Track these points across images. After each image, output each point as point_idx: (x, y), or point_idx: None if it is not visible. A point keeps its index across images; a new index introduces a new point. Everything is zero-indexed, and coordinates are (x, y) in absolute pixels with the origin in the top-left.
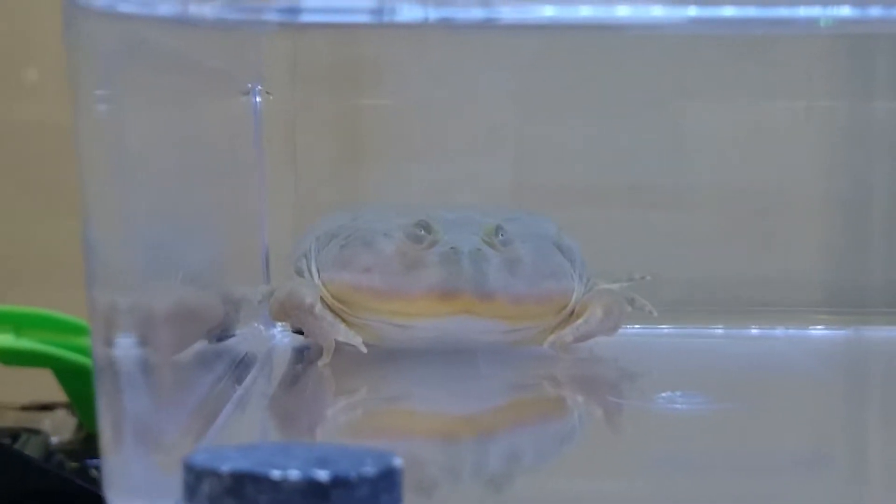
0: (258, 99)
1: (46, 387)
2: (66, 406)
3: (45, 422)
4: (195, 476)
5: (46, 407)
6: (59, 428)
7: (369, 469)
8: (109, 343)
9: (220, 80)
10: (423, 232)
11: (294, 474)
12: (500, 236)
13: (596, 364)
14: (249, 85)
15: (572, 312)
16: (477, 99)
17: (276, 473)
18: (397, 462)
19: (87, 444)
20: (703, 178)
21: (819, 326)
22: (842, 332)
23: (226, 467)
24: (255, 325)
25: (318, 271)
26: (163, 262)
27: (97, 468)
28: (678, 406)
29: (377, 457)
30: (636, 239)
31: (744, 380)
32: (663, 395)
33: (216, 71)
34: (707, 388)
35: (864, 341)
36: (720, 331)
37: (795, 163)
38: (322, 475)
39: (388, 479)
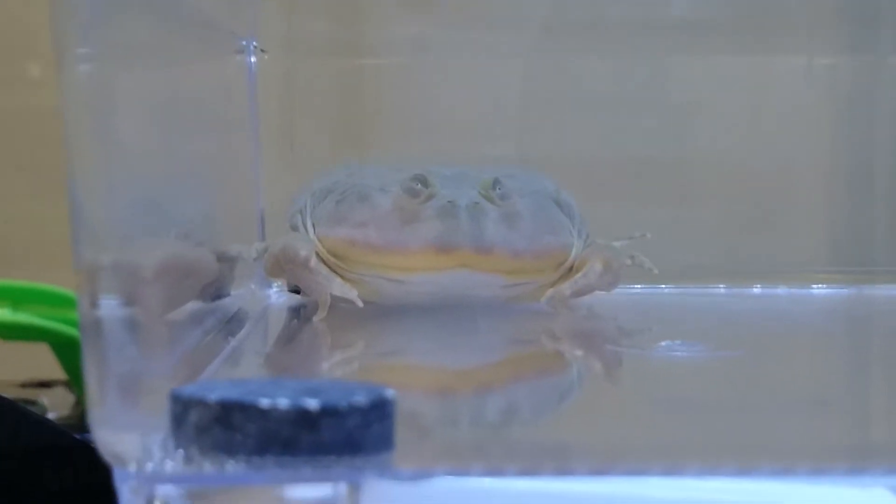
0: (253, 58)
1: (45, 364)
2: (65, 383)
3: (44, 398)
4: (182, 405)
5: (45, 384)
6: (57, 404)
7: (360, 399)
8: (94, 299)
9: (213, 37)
10: (419, 186)
11: (283, 402)
12: (498, 190)
13: (595, 320)
14: (244, 42)
15: (571, 268)
16: (482, 61)
17: (264, 402)
18: (389, 393)
19: (84, 420)
20: (704, 143)
21: (821, 285)
22: (844, 290)
23: (213, 396)
24: (251, 285)
25: (314, 226)
26: (155, 219)
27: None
28: (678, 353)
29: (369, 389)
30: (639, 207)
31: (744, 332)
32: (662, 343)
33: (208, 26)
34: (707, 339)
35: (866, 298)
36: (722, 289)
37: (798, 124)
38: (311, 403)
39: (380, 410)
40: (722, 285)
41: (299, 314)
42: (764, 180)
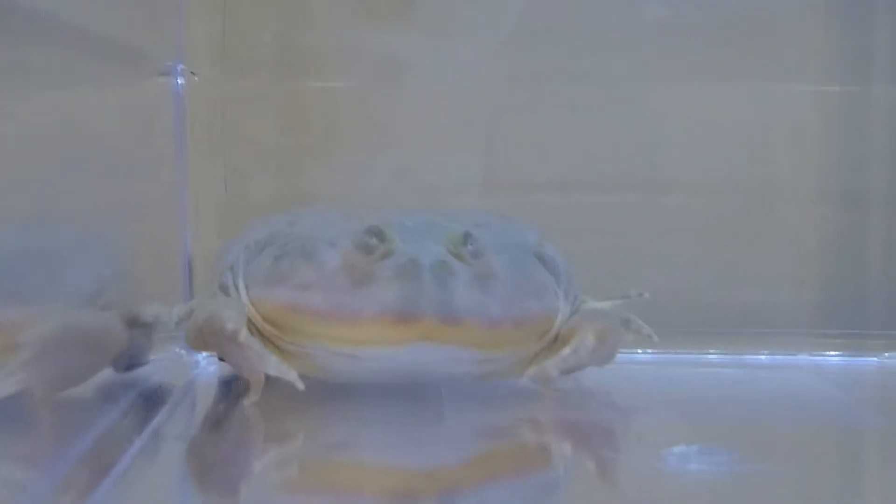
0: (180, 80)
1: None
2: None
3: None
4: None
5: None
6: None
7: None
8: None
9: (129, 57)
10: (374, 240)
11: None
12: (470, 245)
13: (585, 401)
14: (168, 63)
15: (556, 338)
16: (441, 83)
17: None
18: None
19: None
20: (689, 174)
21: (834, 353)
22: (861, 358)
23: None
24: (176, 350)
25: (247, 287)
26: (40, 278)
27: None
28: (696, 467)
29: None
30: (612, 239)
31: (766, 424)
32: (675, 450)
33: (121, 45)
34: (726, 439)
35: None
36: (714, 356)
37: (790, 157)
38: None
39: None
40: (713, 350)
41: (230, 390)
42: (753, 218)
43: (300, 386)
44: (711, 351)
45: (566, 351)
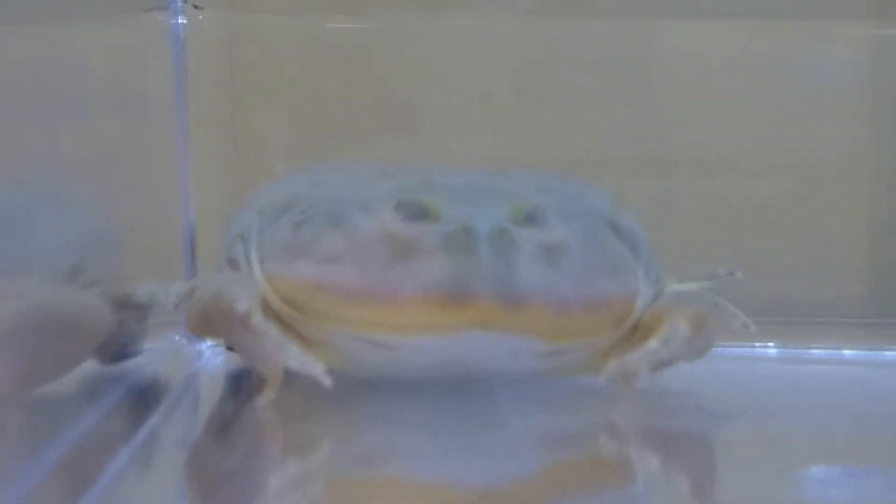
0: (181, 18)
1: None
2: None
3: None
4: None
5: None
6: None
7: None
8: None
9: None
10: (417, 203)
11: None
12: (536, 212)
13: (667, 403)
14: None
15: (636, 326)
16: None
17: None
18: None
19: None
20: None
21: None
22: None
23: None
24: (175, 337)
25: (261, 261)
26: (6, 246)
27: None
28: (843, 494)
29: None
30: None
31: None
32: (814, 471)
33: None
34: (863, 456)
35: None
36: (773, 351)
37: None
38: None
39: None
40: (771, 343)
41: (240, 386)
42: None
43: (327, 382)
44: (764, 344)
45: (654, 343)
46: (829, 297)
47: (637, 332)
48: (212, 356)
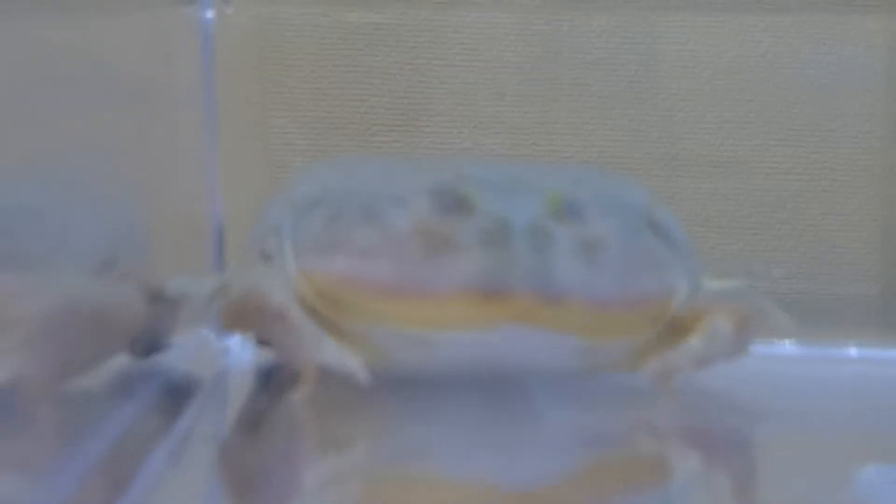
0: (209, 12)
1: None
2: None
3: None
4: None
5: None
6: None
7: None
8: None
9: None
10: (454, 197)
11: None
12: (573, 206)
13: (706, 402)
14: None
15: (673, 323)
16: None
17: None
18: None
19: None
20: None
21: None
22: None
23: None
24: (203, 331)
25: (295, 255)
26: (40, 239)
27: None
28: (891, 494)
29: None
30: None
31: None
32: (871, 471)
33: None
34: None
35: None
36: (793, 349)
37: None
38: None
39: None
40: (791, 342)
41: (270, 382)
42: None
43: (364, 378)
44: (789, 343)
45: (697, 340)
46: (843, 295)
47: (675, 330)
48: (241, 351)
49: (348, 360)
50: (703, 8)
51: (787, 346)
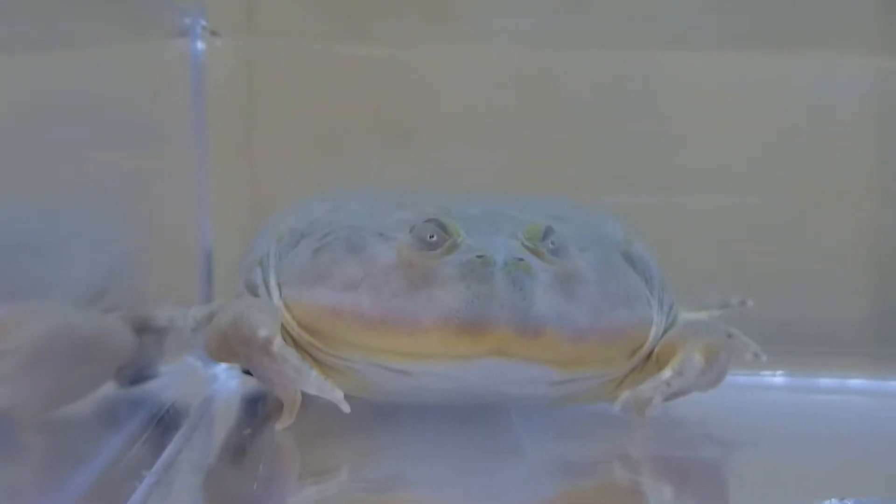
0: (200, 43)
1: None
2: None
3: None
4: None
5: None
6: None
7: None
8: None
9: (142, 14)
10: (435, 231)
11: None
12: (551, 242)
13: (680, 432)
14: (188, 21)
15: (650, 355)
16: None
17: None
18: None
19: None
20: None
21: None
22: None
23: None
24: (190, 360)
25: (280, 287)
26: (30, 270)
27: None
28: None
29: None
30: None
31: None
32: None
33: (132, 1)
34: (874, 487)
35: None
36: (780, 379)
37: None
38: None
39: None
40: (779, 372)
41: (256, 410)
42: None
43: (345, 408)
44: (771, 373)
45: (669, 372)
46: (834, 322)
47: (651, 362)
48: (227, 379)
49: (330, 390)
50: (699, 44)
51: (775, 376)
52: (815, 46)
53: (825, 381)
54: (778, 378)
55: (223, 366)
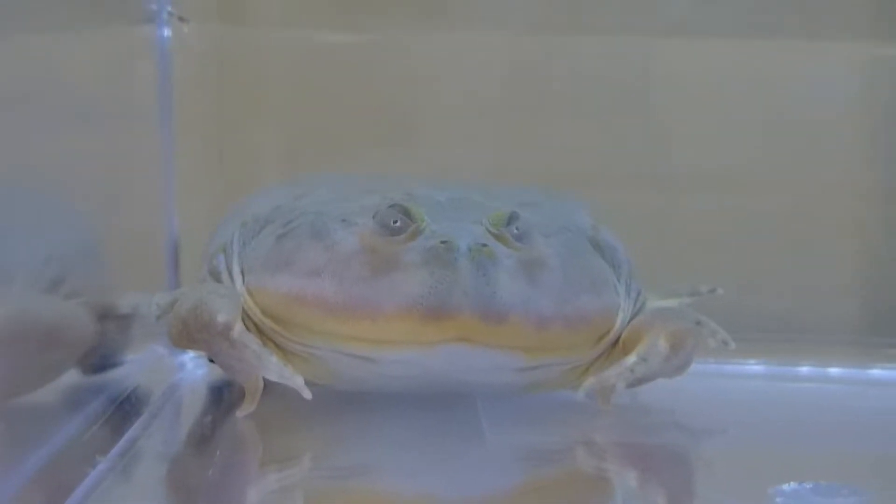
0: (166, 30)
1: None
2: None
3: None
4: None
5: None
6: None
7: None
8: None
9: None
10: (399, 217)
11: None
12: (516, 228)
13: (647, 419)
14: (153, 6)
15: (616, 342)
16: (464, 46)
17: None
18: None
19: None
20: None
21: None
22: None
23: None
24: (157, 348)
25: (243, 273)
26: None
27: None
28: None
29: None
30: (642, 246)
31: (869, 451)
32: (785, 488)
33: None
34: (837, 472)
35: None
36: (757, 367)
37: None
38: None
39: None
40: (758, 361)
41: (222, 398)
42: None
43: (307, 395)
44: (751, 362)
45: (633, 358)
46: (821, 313)
47: (617, 349)
48: (194, 368)
49: (291, 377)
50: (694, 33)
51: (752, 364)
52: (808, 36)
53: (804, 370)
54: (756, 366)
55: (190, 354)
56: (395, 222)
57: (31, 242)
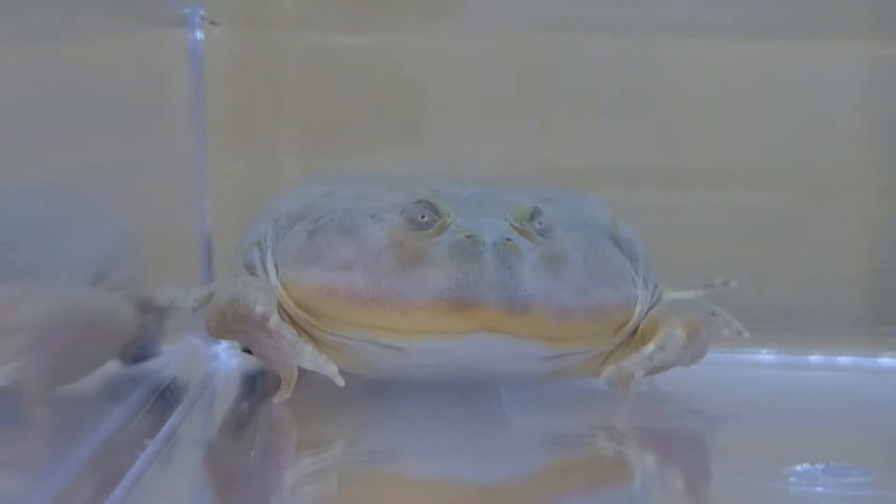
0: (199, 33)
1: None
2: None
3: None
4: None
5: None
6: None
7: None
8: None
9: (138, 4)
10: (426, 213)
11: None
12: (538, 223)
13: (664, 406)
14: (186, 11)
15: (636, 331)
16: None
17: None
18: None
19: None
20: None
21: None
22: None
23: None
24: (190, 338)
25: (276, 267)
26: (36, 251)
27: None
28: (825, 491)
29: None
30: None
31: (882, 436)
32: (798, 469)
33: None
34: (850, 455)
35: None
36: (768, 357)
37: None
38: None
39: None
40: (770, 350)
41: (255, 386)
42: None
43: (340, 382)
44: (764, 351)
45: (651, 348)
46: (828, 305)
47: (636, 338)
48: (227, 358)
49: (325, 365)
50: (699, 32)
51: (764, 354)
52: (811, 35)
53: (814, 359)
54: (768, 356)
55: (224, 345)
56: (422, 217)
57: (77, 239)
